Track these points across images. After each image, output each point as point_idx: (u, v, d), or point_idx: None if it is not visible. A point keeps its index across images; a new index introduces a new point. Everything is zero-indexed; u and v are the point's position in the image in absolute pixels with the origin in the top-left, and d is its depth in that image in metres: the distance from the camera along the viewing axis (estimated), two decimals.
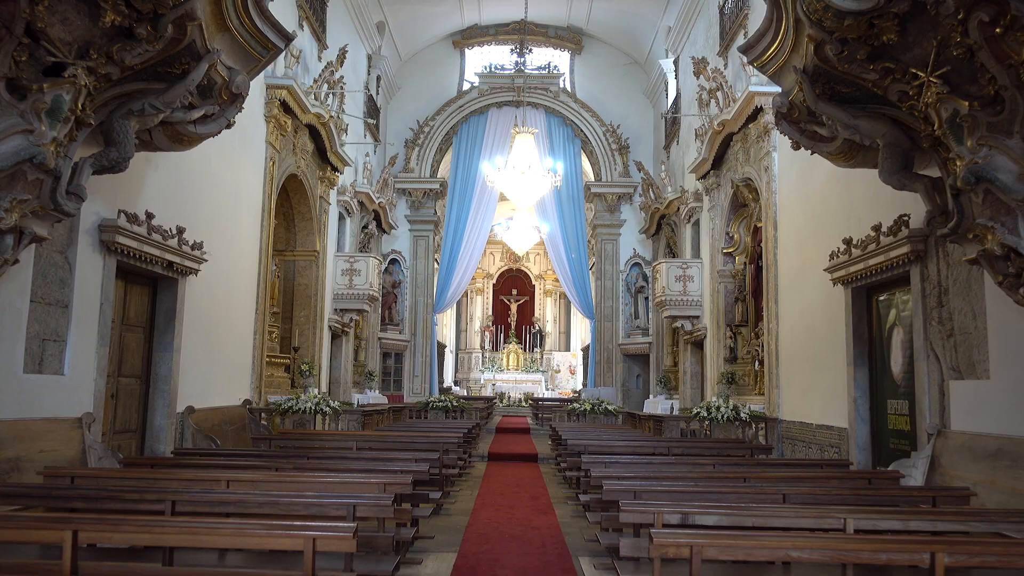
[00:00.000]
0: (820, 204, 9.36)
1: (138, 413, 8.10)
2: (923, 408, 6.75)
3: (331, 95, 13.23)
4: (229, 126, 7.05)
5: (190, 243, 8.32)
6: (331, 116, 13.00)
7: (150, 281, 8.23)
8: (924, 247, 6.82)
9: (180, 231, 8.08)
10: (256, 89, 10.80)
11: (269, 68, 11.21)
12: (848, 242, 8.01)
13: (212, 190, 9.37)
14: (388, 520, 4.76)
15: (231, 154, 9.94)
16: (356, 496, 3.99)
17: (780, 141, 10.88)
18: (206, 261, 8.69)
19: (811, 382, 9.49)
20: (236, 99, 6.88)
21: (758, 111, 11.19)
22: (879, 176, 6.05)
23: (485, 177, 14.00)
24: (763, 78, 11.28)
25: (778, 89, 11.05)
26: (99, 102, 5.90)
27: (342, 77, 13.51)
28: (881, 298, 8.00)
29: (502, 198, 21.47)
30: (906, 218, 6.94)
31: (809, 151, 7.00)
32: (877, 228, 7.39)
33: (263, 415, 10.54)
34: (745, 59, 11.40)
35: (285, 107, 11.45)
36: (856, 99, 6.10)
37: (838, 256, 8.26)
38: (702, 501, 4.60)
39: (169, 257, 7.88)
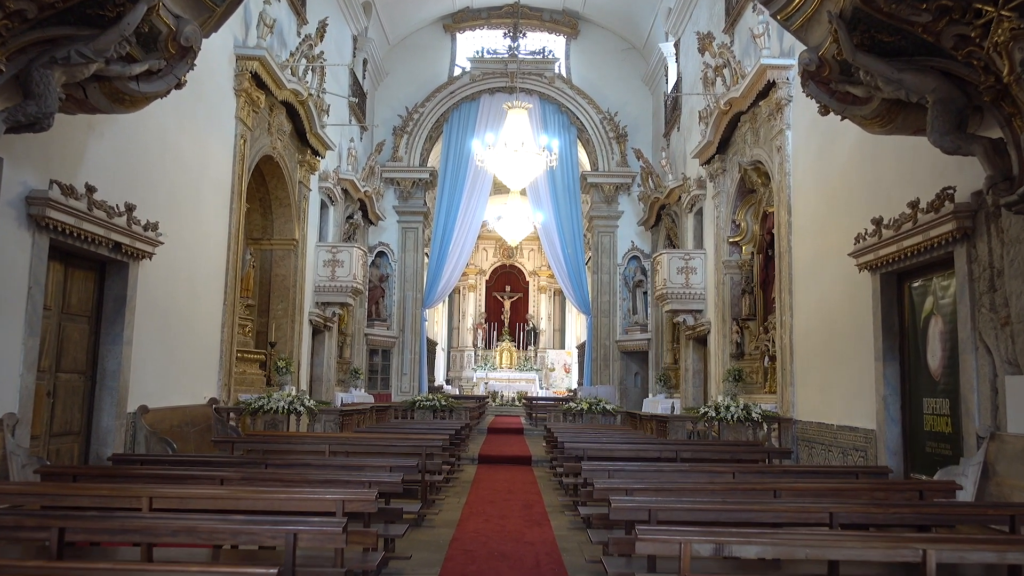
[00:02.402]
0: (841, 184, 8.52)
1: (82, 413, 7.20)
2: (970, 407, 5.91)
3: (310, 71, 12.32)
4: (179, 86, 6.16)
5: (142, 223, 7.43)
6: (310, 94, 12.09)
7: (96, 265, 7.34)
8: (972, 224, 5.97)
9: (130, 209, 7.18)
10: (224, 59, 9.91)
11: (240, 37, 10.35)
12: (878, 222, 7.16)
13: (172, 166, 8.46)
14: (350, 544, 3.90)
15: (195, 128, 9.04)
16: (298, 521, 3.12)
17: (795, 118, 10.04)
18: (162, 244, 7.80)
19: (831, 379, 8.65)
20: (186, 54, 6.00)
21: (770, 86, 10.34)
22: (929, 138, 5.21)
23: (475, 155, 13.06)
24: (776, 50, 10.50)
25: (792, 62, 10.27)
26: (14, 47, 5.02)
27: (322, 53, 12.60)
28: (915, 284, 7.16)
29: (495, 191, 20.63)
30: (951, 191, 6.09)
31: (840, 116, 6.14)
32: (914, 204, 6.55)
33: (231, 415, 9.65)
34: (757, 29, 10.66)
35: (258, 81, 10.54)
36: (900, 50, 5.26)
37: (865, 239, 7.42)
38: (732, 522, 3.75)
39: (116, 237, 6.98)
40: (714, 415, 9.56)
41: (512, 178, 12.62)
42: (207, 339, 9.54)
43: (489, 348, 29.56)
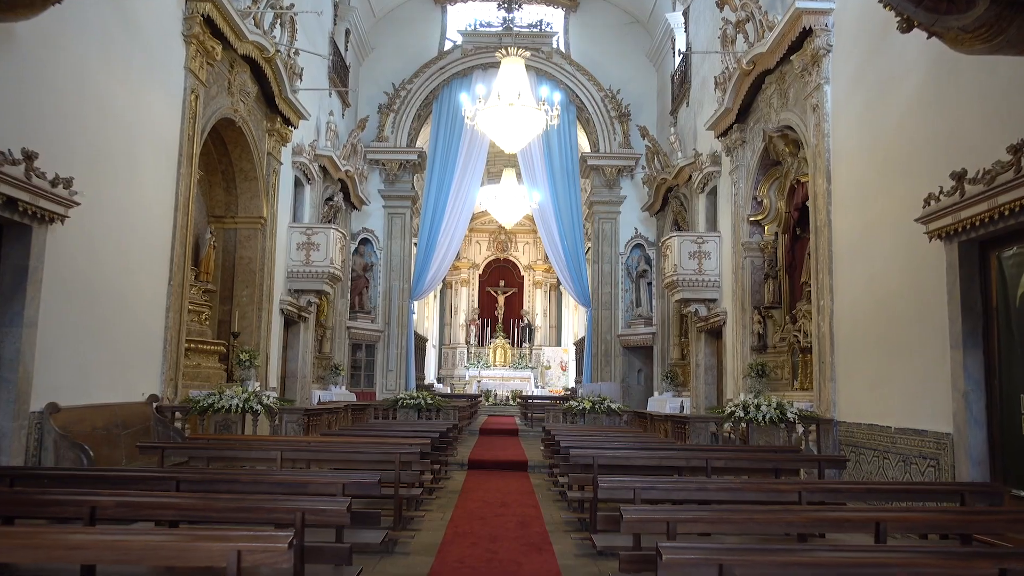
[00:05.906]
0: (899, 139, 7.14)
1: None
2: None
3: (278, 26, 10.89)
4: None
5: (49, 177, 5.99)
6: (277, 51, 10.66)
7: None
8: None
9: (29, 156, 5.74)
10: None
11: None
12: (960, 177, 5.78)
13: (96, 116, 7.02)
14: None
15: (128, 74, 7.60)
16: None
17: (835, 70, 8.65)
18: (78, 205, 6.36)
19: (885, 372, 7.27)
20: None
21: (805, 35, 8.94)
22: None
23: (463, 110, 11.58)
24: None
25: (832, 5, 8.86)
26: None
27: (293, 6, 11.17)
28: (1006, 254, 5.78)
29: (488, 177, 19.22)
30: None
31: (926, 31, 4.78)
32: (1017, 148, 5.17)
33: (176, 415, 8.22)
34: None
35: (212, 28, 9.10)
36: None
37: (940, 199, 6.04)
38: None
39: (9, 191, 5.55)
40: (743, 415, 8.18)
41: (507, 137, 11.12)
42: (147, 325, 8.11)
43: (482, 345, 28.25)
